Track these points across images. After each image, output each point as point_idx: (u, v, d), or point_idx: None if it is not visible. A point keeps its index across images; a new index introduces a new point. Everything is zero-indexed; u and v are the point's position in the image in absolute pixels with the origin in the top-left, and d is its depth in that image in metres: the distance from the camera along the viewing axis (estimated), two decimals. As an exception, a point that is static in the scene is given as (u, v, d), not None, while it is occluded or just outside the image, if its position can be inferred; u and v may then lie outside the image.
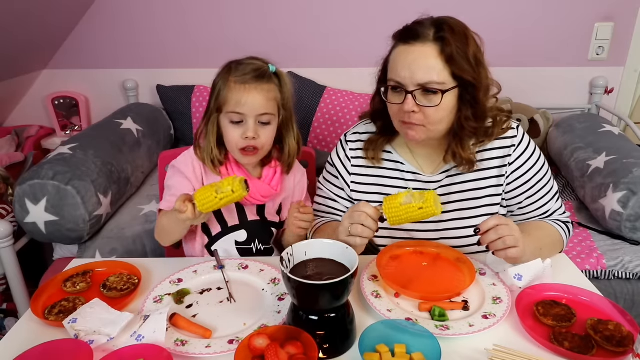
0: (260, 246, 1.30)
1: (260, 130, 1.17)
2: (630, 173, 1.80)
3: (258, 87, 1.15)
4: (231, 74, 1.16)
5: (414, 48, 1.07)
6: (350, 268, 0.89)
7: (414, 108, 1.08)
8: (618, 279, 1.77)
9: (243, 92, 1.14)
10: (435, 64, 1.06)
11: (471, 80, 1.08)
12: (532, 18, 2.46)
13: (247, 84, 1.14)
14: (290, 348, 0.84)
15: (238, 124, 1.17)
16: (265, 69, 1.18)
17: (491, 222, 1.03)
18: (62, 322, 0.94)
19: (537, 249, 1.12)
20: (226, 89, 1.16)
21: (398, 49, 1.10)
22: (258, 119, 1.17)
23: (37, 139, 2.53)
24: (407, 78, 1.07)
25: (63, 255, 1.91)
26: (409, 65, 1.07)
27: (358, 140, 1.28)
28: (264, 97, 1.16)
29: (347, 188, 1.29)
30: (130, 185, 2.05)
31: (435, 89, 1.06)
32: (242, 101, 1.14)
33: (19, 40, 2.18)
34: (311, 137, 2.51)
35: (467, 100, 1.10)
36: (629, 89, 2.62)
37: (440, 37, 1.05)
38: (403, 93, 1.09)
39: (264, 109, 1.16)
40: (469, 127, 1.13)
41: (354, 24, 2.51)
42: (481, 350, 0.90)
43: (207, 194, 1.04)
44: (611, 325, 0.93)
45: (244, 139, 1.16)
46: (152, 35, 2.55)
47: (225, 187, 1.04)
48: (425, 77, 1.06)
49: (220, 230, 1.28)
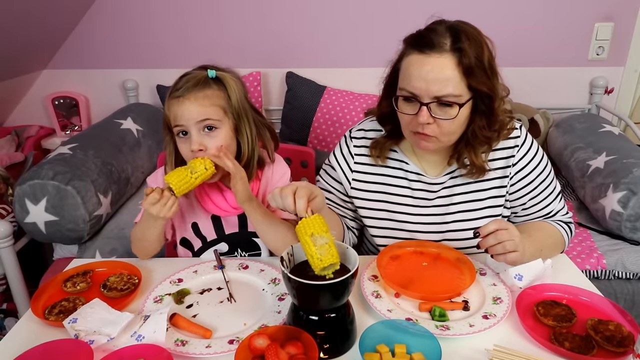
0: (244, 254, 1.28)
1: (206, 140, 1.12)
2: (630, 173, 1.80)
3: (191, 96, 1.10)
4: (171, 92, 1.13)
5: (430, 59, 1.02)
6: (350, 268, 0.89)
7: (429, 120, 1.05)
8: (618, 279, 1.77)
9: (178, 105, 1.11)
10: (452, 76, 1.02)
11: (487, 91, 1.05)
12: (532, 18, 2.47)
13: (181, 96, 1.11)
14: (290, 348, 0.84)
15: (185, 138, 1.13)
16: (200, 77, 1.13)
17: (491, 226, 1.02)
18: (62, 322, 0.94)
19: (537, 250, 1.12)
20: (166, 107, 1.14)
21: (411, 58, 1.05)
22: (201, 127, 1.12)
23: (37, 139, 2.53)
24: (422, 90, 1.03)
25: (63, 255, 1.91)
26: (425, 76, 1.02)
27: (363, 137, 1.27)
28: (199, 105, 1.10)
29: (347, 184, 1.28)
30: (130, 185, 2.05)
31: (451, 101, 1.03)
32: (178, 114, 1.11)
33: (19, 40, 2.18)
34: (311, 137, 2.51)
35: (482, 111, 1.08)
36: (629, 89, 2.62)
37: (457, 48, 1.02)
38: (417, 104, 1.05)
39: (202, 116, 1.10)
40: (482, 136, 1.11)
41: (354, 24, 2.51)
42: (481, 350, 0.90)
43: (182, 175, 1.08)
44: (611, 326, 0.93)
45: (192, 152, 1.12)
46: (152, 35, 2.55)
47: (198, 167, 1.08)
48: (442, 90, 1.02)
49: (201, 246, 1.27)
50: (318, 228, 0.90)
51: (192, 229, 1.26)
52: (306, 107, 2.51)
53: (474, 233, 1.04)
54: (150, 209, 1.08)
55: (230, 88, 1.15)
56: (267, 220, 1.16)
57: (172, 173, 1.10)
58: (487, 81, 1.05)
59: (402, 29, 1.11)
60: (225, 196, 1.23)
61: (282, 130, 2.60)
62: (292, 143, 2.48)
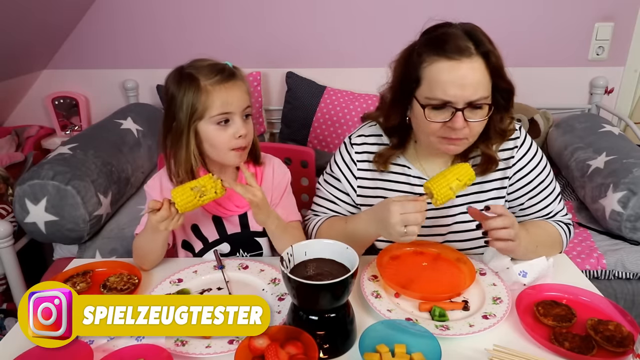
0: (245, 255, 1.28)
1: (246, 126, 1.15)
2: (630, 173, 1.80)
3: (235, 84, 1.12)
4: (200, 79, 1.10)
5: (462, 64, 1.01)
6: (350, 268, 0.89)
7: (464, 125, 1.04)
8: (618, 279, 1.77)
9: (225, 91, 1.11)
10: (483, 79, 1.03)
11: (507, 86, 1.08)
12: (532, 18, 2.47)
13: (225, 82, 1.11)
14: (290, 348, 0.85)
15: (225, 126, 1.13)
16: (226, 66, 1.15)
17: (500, 209, 1.04)
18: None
19: (533, 245, 1.12)
20: (204, 94, 1.10)
21: (440, 65, 1.03)
22: (244, 114, 1.14)
23: (37, 139, 2.54)
24: (458, 95, 1.02)
25: (63, 255, 1.91)
26: (460, 82, 1.01)
27: (364, 142, 1.25)
28: (244, 92, 1.14)
29: (353, 193, 1.26)
30: (130, 185, 2.05)
31: (482, 103, 1.04)
32: (228, 100, 1.11)
33: (19, 40, 2.18)
34: (311, 137, 2.51)
35: (502, 106, 1.10)
36: (629, 89, 2.62)
37: (483, 51, 1.03)
38: (448, 110, 1.04)
39: (246, 102, 1.14)
40: (499, 129, 1.14)
41: (354, 24, 2.51)
42: (481, 350, 0.90)
43: (189, 197, 1.05)
44: (611, 326, 0.93)
45: (237, 138, 1.13)
46: (152, 35, 2.55)
47: (209, 190, 1.06)
48: (476, 94, 1.02)
49: (203, 247, 1.27)
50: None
51: (192, 230, 1.26)
52: (306, 107, 2.51)
53: (485, 207, 1.05)
54: (159, 226, 1.07)
55: (245, 79, 1.18)
56: (281, 227, 1.19)
57: (179, 190, 1.06)
58: (505, 77, 1.07)
59: (402, 29, 1.12)
60: (226, 196, 1.23)
61: (282, 130, 2.60)
62: (292, 143, 2.48)
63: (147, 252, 1.18)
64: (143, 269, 1.18)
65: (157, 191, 1.23)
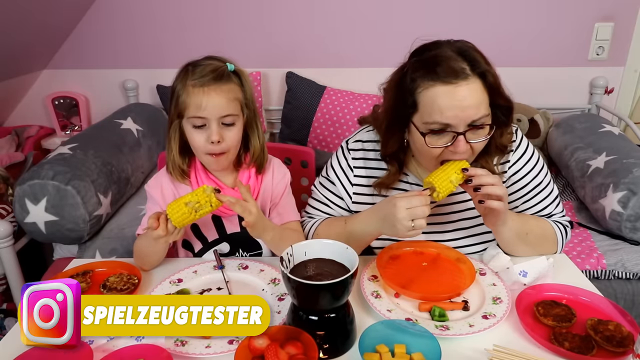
0: (245, 254, 1.28)
1: (224, 133, 1.12)
2: (630, 173, 1.80)
3: (217, 88, 1.09)
4: (189, 77, 1.10)
5: (459, 87, 0.99)
6: (350, 268, 0.89)
7: (467, 147, 1.04)
8: (618, 279, 1.77)
9: (202, 95, 1.08)
10: (482, 99, 1.02)
11: (505, 103, 1.07)
12: (532, 18, 2.46)
13: (205, 86, 1.08)
14: (290, 348, 0.85)
15: (201, 128, 1.11)
16: (223, 69, 1.12)
17: (484, 171, 1.06)
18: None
19: (522, 229, 1.14)
20: (185, 93, 1.10)
21: (436, 90, 1.01)
22: (221, 121, 1.11)
23: (37, 139, 2.54)
24: (458, 118, 1.00)
25: (63, 255, 1.91)
26: (459, 104, 1.00)
27: (361, 149, 1.24)
28: (224, 98, 1.10)
29: (348, 198, 1.25)
30: (130, 185, 2.05)
31: (485, 123, 1.03)
32: (202, 105, 1.08)
33: (19, 40, 2.18)
34: (311, 137, 2.51)
35: (502, 122, 1.09)
36: (629, 89, 2.62)
37: (479, 72, 1.01)
38: (449, 134, 1.03)
39: (225, 111, 1.10)
40: (500, 145, 1.13)
41: (354, 24, 2.51)
42: (481, 350, 0.90)
43: (181, 209, 1.05)
44: (611, 326, 0.93)
45: (210, 143, 1.11)
46: (152, 35, 2.55)
47: (204, 205, 1.05)
48: (476, 114, 1.01)
49: (202, 247, 1.27)
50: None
51: (191, 230, 1.26)
52: (306, 107, 2.51)
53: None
54: (159, 241, 1.08)
55: (247, 83, 1.16)
56: (277, 237, 1.17)
57: (174, 206, 1.05)
58: (503, 94, 1.06)
59: (402, 29, 1.12)
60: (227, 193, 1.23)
61: (282, 130, 2.60)
62: (292, 143, 2.48)
63: (148, 254, 1.18)
64: (143, 269, 1.18)
65: (158, 191, 1.23)
